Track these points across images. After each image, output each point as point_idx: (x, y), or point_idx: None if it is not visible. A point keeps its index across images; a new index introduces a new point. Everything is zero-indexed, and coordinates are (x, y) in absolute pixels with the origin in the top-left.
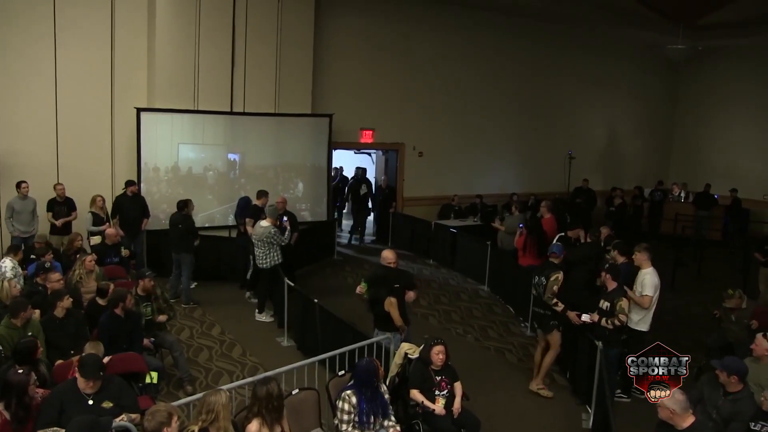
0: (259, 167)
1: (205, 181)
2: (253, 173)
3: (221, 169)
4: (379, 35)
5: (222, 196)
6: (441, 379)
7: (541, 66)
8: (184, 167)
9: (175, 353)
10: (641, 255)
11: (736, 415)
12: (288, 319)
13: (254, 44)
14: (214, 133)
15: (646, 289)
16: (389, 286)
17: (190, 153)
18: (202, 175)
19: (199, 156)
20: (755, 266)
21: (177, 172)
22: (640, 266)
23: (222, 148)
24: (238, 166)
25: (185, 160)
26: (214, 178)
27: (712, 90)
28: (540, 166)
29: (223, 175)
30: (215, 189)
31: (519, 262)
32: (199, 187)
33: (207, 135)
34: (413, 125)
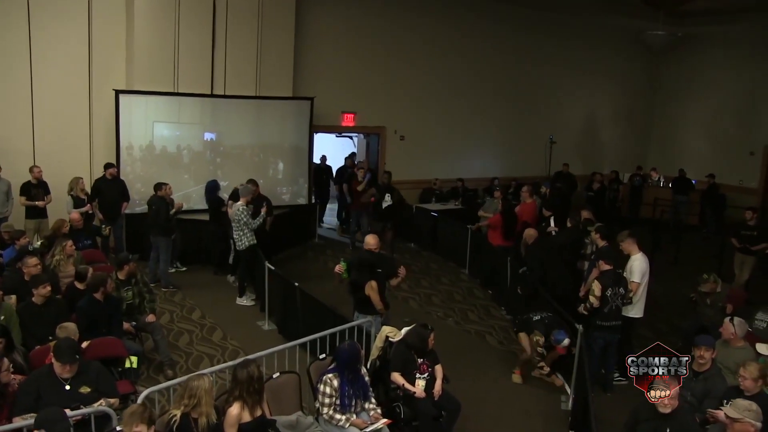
0: (237, 148)
1: (182, 162)
2: (230, 154)
3: (198, 149)
4: (362, 18)
5: (199, 177)
6: (422, 362)
7: (523, 51)
8: (160, 146)
9: (156, 337)
10: (626, 242)
11: (708, 392)
12: (269, 302)
13: (235, 26)
14: (192, 113)
15: (634, 276)
16: (371, 270)
17: (165, 131)
18: (177, 154)
19: (174, 135)
20: (730, 251)
21: (153, 151)
22: (629, 253)
23: (198, 128)
24: (215, 146)
25: (161, 139)
26: (190, 158)
27: (690, 76)
28: (521, 150)
29: (200, 154)
30: (191, 169)
31: (488, 239)
32: (176, 167)
33: (184, 115)
34: (395, 109)
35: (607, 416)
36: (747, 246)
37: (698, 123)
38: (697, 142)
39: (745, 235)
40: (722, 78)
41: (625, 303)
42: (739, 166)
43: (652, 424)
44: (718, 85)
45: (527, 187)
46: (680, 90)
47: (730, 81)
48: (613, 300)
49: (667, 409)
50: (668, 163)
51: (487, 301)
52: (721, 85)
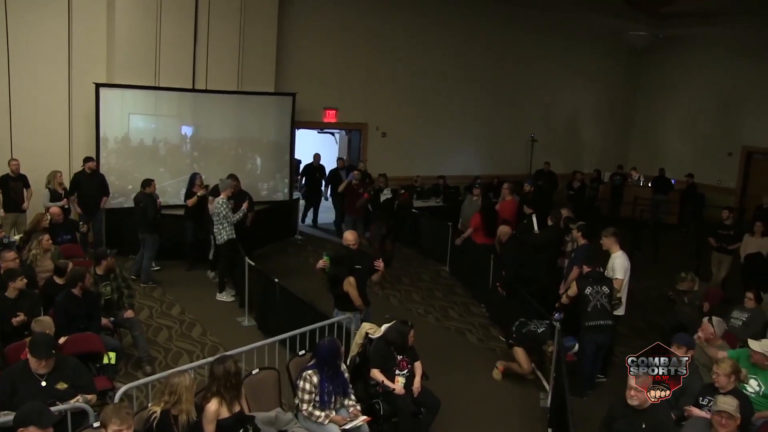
0: (218, 143)
1: (159, 155)
2: (210, 148)
3: (176, 142)
4: (345, 15)
5: (176, 171)
6: (401, 359)
7: (505, 49)
8: (137, 140)
9: (135, 333)
10: (608, 239)
11: (685, 389)
12: (249, 298)
13: (217, 21)
14: (171, 106)
15: (617, 273)
16: (350, 266)
17: (143, 125)
18: (155, 148)
19: (152, 128)
20: (708, 250)
21: (130, 145)
22: (608, 250)
23: (178, 121)
24: (194, 140)
25: (139, 132)
26: (167, 151)
27: (670, 77)
28: (503, 148)
29: (177, 148)
30: (168, 162)
31: (473, 239)
32: (154, 161)
33: (163, 108)
34: (377, 105)
35: (585, 413)
36: (724, 245)
37: (678, 123)
38: (677, 142)
39: (722, 234)
40: (701, 79)
41: (614, 304)
42: (717, 166)
43: (627, 420)
44: (698, 86)
45: (508, 184)
46: (661, 90)
47: (709, 82)
48: (596, 298)
49: (634, 401)
50: (648, 163)
51: (467, 298)
52: (701, 86)
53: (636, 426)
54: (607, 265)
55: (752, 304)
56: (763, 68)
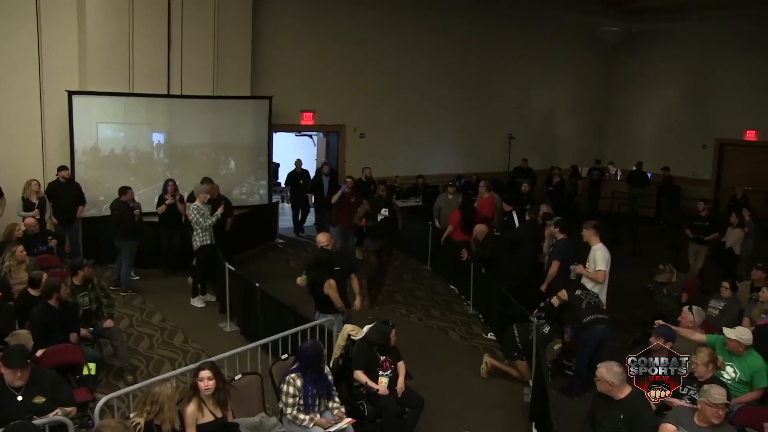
0: (195, 148)
1: (135, 163)
2: (187, 154)
3: (151, 149)
4: (320, 17)
5: (153, 178)
6: (384, 359)
7: (481, 48)
8: (108, 148)
9: (115, 343)
10: (588, 231)
11: None
12: (230, 304)
13: (191, 25)
14: (147, 113)
15: (599, 264)
16: (329, 269)
17: (116, 133)
18: (129, 156)
19: (126, 136)
20: (685, 241)
21: (104, 153)
22: (589, 242)
23: (152, 128)
24: (171, 147)
25: (112, 141)
26: (142, 159)
27: (644, 71)
28: (481, 146)
29: (153, 155)
30: (141, 170)
31: (452, 237)
32: (129, 169)
33: (138, 115)
34: (354, 107)
35: (575, 409)
36: (700, 236)
37: (653, 117)
38: (652, 135)
39: (698, 225)
40: (674, 73)
41: None
42: (692, 159)
43: (605, 411)
44: (671, 80)
45: (485, 181)
46: (635, 85)
47: (682, 76)
48: (587, 297)
49: (600, 388)
50: (625, 157)
51: (449, 296)
52: (674, 79)
53: (614, 417)
54: (588, 257)
55: (728, 293)
56: (733, 60)
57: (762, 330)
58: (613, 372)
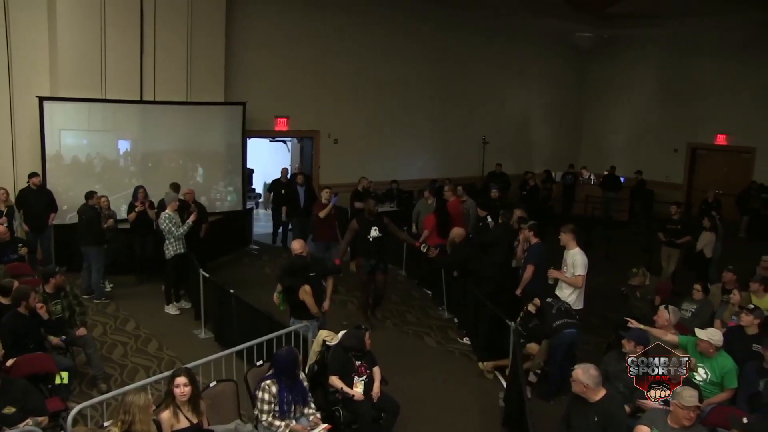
0: (169, 155)
1: (107, 170)
2: (161, 161)
3: (125, 156)
4: (293, 23)
5: (125, 185)
6: (360, 364)
7: (456, 53)
8: (80, 156)
9: (88, 351)
10: (567, 236)
11: None
12: (204, 310)
13: (164, 31)
14: (119, 119)
15: (578, 269)
16: (304, 275)
17: (87, 139)
18: (102, 162)
19: (97, 142)
20: (658, 245)
21: (63, 163)
22: (566, 246)
23: (115, 135)
24: (145, 154)
25: (75, 149)
26: (115, 165)
27: (616, 76)
28: (456, 151)
29: (125, 162)
30: (115, 177)
31: (428, 242)
32: (100, 175)
33: (109, 122)
34: (328, 112)
35: (542, 410)
36: (672, 239)
37: (626, 121)
38: (626, 140)
39: (670, 229)
40: (646, 78)
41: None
42: (664, 163)
43: (581, 413)
44: (643, 85)
45: (448, 185)
46: (608, 90)
47: (654, 81)
48: (558, 303)
49: (575, 389)
50: (599, 161)
51: (424, 301)
52: (646, 84)
53: (589, 419)
54: (566, 261)
55: (700, 296)
56: (704, 66)
57: (732, 331)
58: (589, 374)
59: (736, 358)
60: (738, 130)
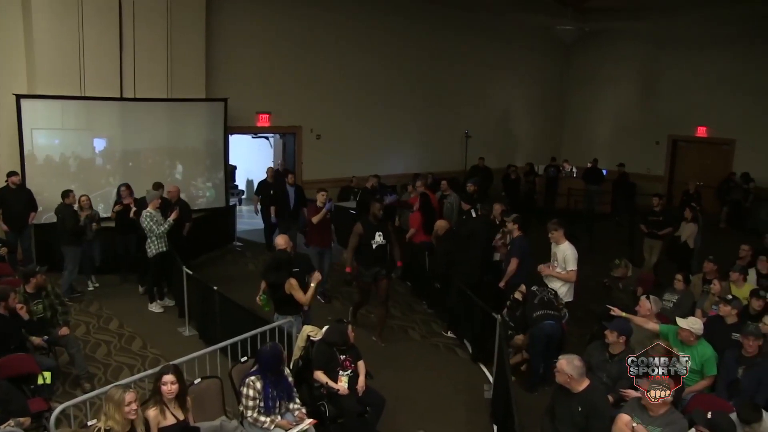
0: (151, 152)
1: (89, 167)
2: (142, 158)
3: (105, 154)
4: (275, 18)
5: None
6: (345, 359)
7: (438, 48)
8: (54, 155)
9: (71, 350)
10: (558, 232)
11: (622, 373)
12: (188, 308)
13: (143, 27)
14: (100, 117)
15: (570, 264)
16: (288, 270)
17: (66, 137)
18: (82, 160)
19: (78, 140)
20: (640, 237)
21: (36, 163)
22: (556, 242)
23: (108, 132)
24: (126, 151)
25: (49, 148)
26: (98, 163)
27: (598, 70)
28: (438, 145)
29: (108, 159)
30: (80, 176)
31: (413, 240)
32: (81, 173)
33: (89, 120)
34: (311, 108)
35: (536, 404)
36: (654, 231)
37: (608, 114)
38: (607, 132)
39: (652, 220)
40: (627, 71)
41: (561, 308)
42: (646, 155)
43: (565, 403)
44: (624, 78)
45: (420, 181)
46: (590, 83)
47: (635, 74)
48: (542, 293)
49: (559, 380)
50: (581, 154)
51: (408, 296)
52: (627, 77)
53: (572, 409)
54: (556, 256)
55: (681, 286)
56: (684, 59)
57: (712, 321)
58: (573, 365)
59: (716, 346)
60: (718, 123)
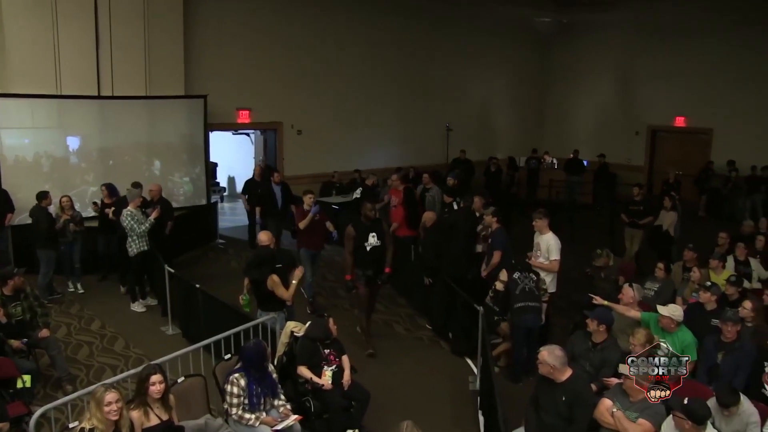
0: (130, 150)
1: (67, 167)
2: (122, 156)
3: (84, 153)
4: (253, 13)
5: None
6: (329, 353)
7: (418, 41)
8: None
9: (52, 352)
10: (542, 221)
11: (605, 362)
12: (171, 306)
13: (120, 24)
14: (76, 116)
15: (553, 254)
16: (271, 266)
17: (42, 136)
18: (58, 159)
19: (54, 139)
20: (621, 226)
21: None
22: (540, 232)
23: (86, 131)
24: (105, 150)
25: (19, 148)
26: (77, 162)
27: (577, 61)
28: (420, 139)
29: (86, 158)
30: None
31: (396, 234)
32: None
33: (66, 118)
34: (291, 103)
35: (521, 395)
36: (635, 221)
37: (588, 106)
38: (588, 124)
39: (633, 210)
40: (606, 62)
41: (541, 293)
42: (626, 146)
43: (549, 393)
44: (603, 69)
45: (396, 174)
46: (569, 74)
47: (613, 65)
48: (524, 282)
49: (542, 371)
50: (562, 146)
51: (392, 290)
52: (606, 69)
53: (556, 398)
54: (539, 246)
55: (662, 274)
56: (661, 49)
57: (692, 308)
58: (555, 355)
59: (696, 332)
60: (695, 112)
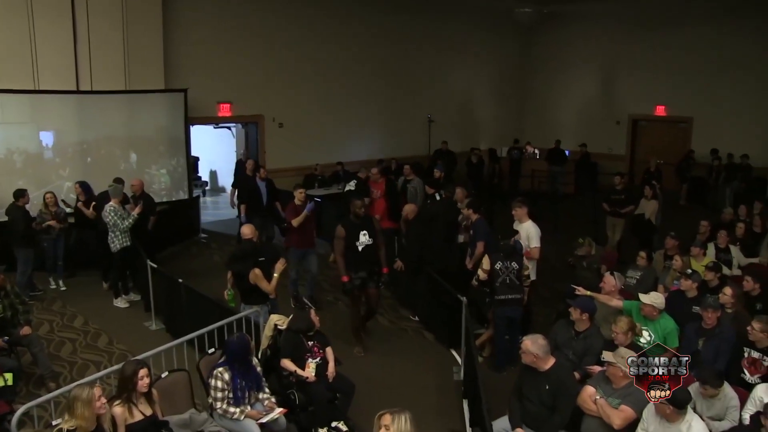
0: (110, 146)
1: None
2: (101, 152)
3: (64, 149)
4: (232, 8)
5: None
6: (313, 345)
7: (398, 33)
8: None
9: (34, 350)
10: (521, 210)
11: (587, 350)
12: (154, 302)
13: (97, 19)
14: (54, 110)
15: (533, 242)
16: (254, 259)
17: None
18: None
19: (34, 135)
20: (603, 215)
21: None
22: (519, 220)
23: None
24: (85, 145)
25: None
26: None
27: (558, 52)
28: (402, 131)
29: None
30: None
31: None
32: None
33: (44, 113)
34: (272, 96)
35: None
36: (617, 209)
37: (569, 96)
38: (569, 114)
39: (614, 199)
40: (587, 52)
41: (523, 280)
42: (607, 135)
43: (532, 382)
44: (584, 59)
45: (376, 168)
46: (550, 65)
47: (594, 55)
48: (504, 273)
49: (525, 360)
50: (544, 136)
51: None
52: (586, 58)
53: (540, 387)
54: (520, 235)
55: (644, 263)
56: (641, 39)
57: (674, 295)
58: (538, 344)
59: (678, 320)
60: (675, 101)
